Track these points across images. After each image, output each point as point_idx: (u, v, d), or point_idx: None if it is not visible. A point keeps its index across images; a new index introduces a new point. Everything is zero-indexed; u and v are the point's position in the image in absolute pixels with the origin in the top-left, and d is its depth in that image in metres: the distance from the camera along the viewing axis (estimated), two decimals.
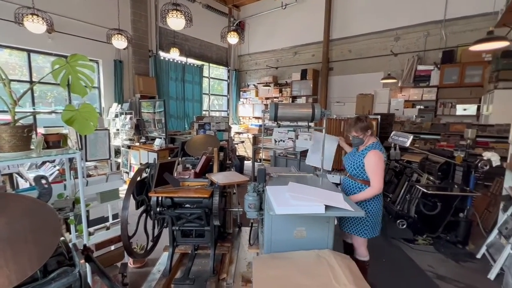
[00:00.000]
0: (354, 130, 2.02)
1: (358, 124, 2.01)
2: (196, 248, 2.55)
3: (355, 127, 2.02)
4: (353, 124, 2.03)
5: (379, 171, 1.94)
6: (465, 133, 3.10)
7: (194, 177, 2.34)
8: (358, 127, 2.00)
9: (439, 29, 5.45)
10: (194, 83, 7.96)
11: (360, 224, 2.10)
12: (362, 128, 1.99)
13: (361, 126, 1.99)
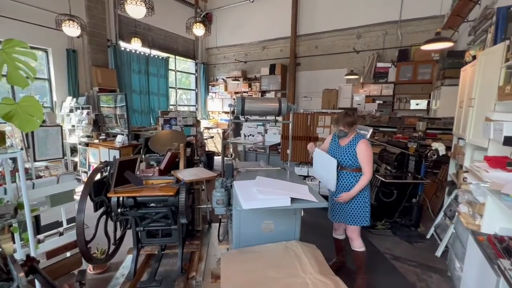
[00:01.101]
0: (342, 124, 2.10)
1: (346, 118, 2.08)
2: (163, 248, 2.46)
3: (343, 121, 2.09)
4: (341, 119, 2.10)
5: (370, 158, 2.10)
6: (417, 125, 3.39)
7: (158, 174, 2.24)
8: (346, 122, 2.08)
9: (395, 29, 5.85)
10: (159, 76, 7.58)
11: (354, 212, 2.19)
12: (350, 123, 2.09)
13: (348, 121, 2.08)
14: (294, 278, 1.43)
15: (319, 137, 4.07)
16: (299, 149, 4.15)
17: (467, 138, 2.50)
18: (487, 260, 1.43)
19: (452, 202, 2.86)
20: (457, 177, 2.78)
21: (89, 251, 1.87)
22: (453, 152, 3.12)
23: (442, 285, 2.41)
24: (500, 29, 2.14)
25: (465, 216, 2.01)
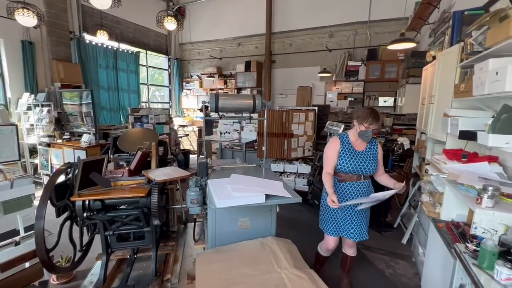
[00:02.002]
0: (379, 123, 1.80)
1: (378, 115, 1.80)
2: (136, 251, 2.36)
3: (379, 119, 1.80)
4: (379, 118, 1.78)
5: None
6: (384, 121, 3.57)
7: (128, 175, 2.13)
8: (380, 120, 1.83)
9: (365, 29, 6.10)
10: (129, 71, 7.20)
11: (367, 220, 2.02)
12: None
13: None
14: (270, 274, 1.45)
15: (294, 134, 4.14)
16: (275, 146, 4.19)
17: (428, 133, 2.69)
18: (446, 245, 1.56)
19: (416, 193, 3.07)
20: (420, 169, 2.98)
21: (51, 260, 1.74)
22: (417, 146, 3.34)
23: (408, 270, 2.58)
24: (456, 32, 2.31)
25: (427, 205, 2.17)
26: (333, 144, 1.90)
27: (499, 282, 1.10)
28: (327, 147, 1.94)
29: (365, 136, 1.81)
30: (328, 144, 1.94)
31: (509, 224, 1.31)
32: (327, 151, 1.91)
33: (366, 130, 1.77)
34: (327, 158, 1.91)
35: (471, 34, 1.87)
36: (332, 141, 1.93)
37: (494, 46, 1.50)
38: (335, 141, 1.91)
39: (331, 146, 1.90)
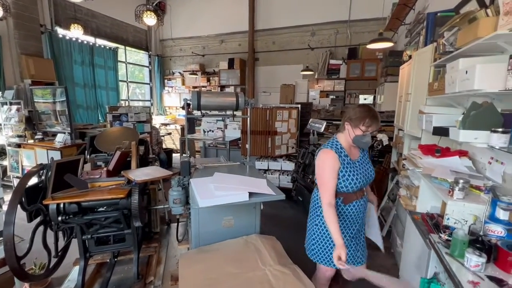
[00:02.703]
0: (378, 124, 1.45)
1: (377, 115, 1.46)
2: (116, 255, 2.28)
3: (379, 120, 1.45)
4: (378, 117, 1.43)
5: None
6: None
7: (107, 176, 2.05)
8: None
9: (345, 28, 6.23)
10: (107, 68, 6.91)
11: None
12: None
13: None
14: (254, 272, 1.45)
15: (278, 131, 4.16)
16: (259, 144, 4.20)
17: (405, 129, 2.80)
18: (421, 236, 1.63)
19: (394, 187, 3.20)
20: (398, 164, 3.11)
21: (22, 267, 1.64)
22: (395, 142, 3.48)
23: (387, 261, 2.69)
24: (430, 32, 2.42)
25: (404, 199, 2.26)
26: (330, 162, 1.39)
27: (468, 269, 1.17)
28: (321, 166, 1.41)
29: (363, 142, 1.42)
30: (323, 162, 1.41)
31: (477, 214, 1.40)
32: (324, 173, 1.39)
33: (363, 135, 1.39)
34: (325, 183, 1.39)
35: (443, 35, 1.96)
36: (327, 157, 1.40)
37: (464, 46, 1.58)
38: (330, 156, 1.39)
39: (328, 164, 1.39)
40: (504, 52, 1.50)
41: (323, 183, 1.42)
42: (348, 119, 1.46)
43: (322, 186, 1.42)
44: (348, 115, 1.47)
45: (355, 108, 1.45)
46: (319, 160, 1.45)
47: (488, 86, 1.36)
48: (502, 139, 1.28)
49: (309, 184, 3.42)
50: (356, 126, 1.41)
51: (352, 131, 1.43)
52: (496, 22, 1.33)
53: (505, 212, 1.26)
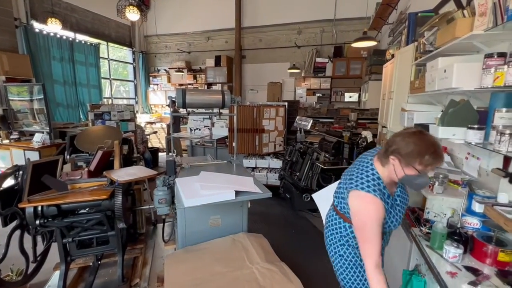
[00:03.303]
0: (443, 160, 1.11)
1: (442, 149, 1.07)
2: (100, 257, 2.21)
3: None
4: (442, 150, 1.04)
5: None
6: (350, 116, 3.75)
7: (88, 176, 1.98)
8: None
9: (331, 27, 6.31)
10: (88, 65, 6.65)
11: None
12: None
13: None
14: (241, 270, 1.45)
15: (265, 129, 4.17)
16: (247, 142, 4.19)
17: (388, 126, 2.87)
18: (404, 230, 1.69)
19: None
20: None
21: None
22: (379, 138, 3.57)
23: None
24: (411, 32, 2.49)
25: None
26: (378, 214, 1.06)
27: (447, 260, 1.22)
28: (366, 219, 1.07)
29: (416, 184, 1.09)
30: (368, 213, 1.07)
31: (455, 208, 1.46)
32: (372, 228, 1.05)
33: (419, 174, 1.03)
34: (371, 239, 1.06)
35: (423, 35, 2.02)
36: (375, 208, 1.06)
37: (443, 46, 1.64)
38: (379, 207, 1.06)
39: (377, 217, 1.05)
40: (479, 51, 1.57)
41: (368, 240, 1.06)
42: (396, 152, 1.05)
43: (367, 243, 1.07)
44: (396, 146, 1.06)
45: (407, 138, 1.03)
46: (363, 210, 1.08)
47: (465, 85, 1.41)
48: (477, 136, 1.34)
49: (296, 181, 3.45)
50: (409, 164, 1.02)
51: (402, 169, 1.05)
52: (472, 23, 1.38)
53: (480, 205, 1.32)
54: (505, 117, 1.23)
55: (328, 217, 1.38)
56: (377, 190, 1.08)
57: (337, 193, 1.31)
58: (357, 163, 1.25)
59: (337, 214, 1.29)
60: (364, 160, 1.22)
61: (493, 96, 1.36)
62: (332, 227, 1.32)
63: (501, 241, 1.22)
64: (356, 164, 1.24)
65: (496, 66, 1.18)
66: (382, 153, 1.13)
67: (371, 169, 1.15)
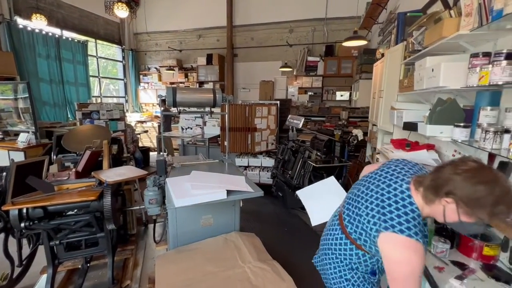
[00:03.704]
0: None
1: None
2: (89, 260, 2.17)
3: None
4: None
5: None
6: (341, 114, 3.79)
7: (76, 177, 1.93)
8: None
9: (322, 26, 6.34)
10: (76, 62, 6.48)
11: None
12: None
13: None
14: (233, 269, 1.44)
15: (257, 128, 4.17)
16: (239, 140, 4.17)
17: (378, 125, 2.91)
18: None
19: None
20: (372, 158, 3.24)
21: None
22: (369, 137, 3.62)
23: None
24: (400, 31, 2.52)
25: None
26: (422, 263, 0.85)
27: (435, 255, 1.25)
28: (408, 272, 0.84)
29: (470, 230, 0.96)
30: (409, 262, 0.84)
31: None
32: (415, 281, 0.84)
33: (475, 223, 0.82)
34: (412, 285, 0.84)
35: (412, 34, 2.06)
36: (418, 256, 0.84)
37: (431, 45, 1.67)
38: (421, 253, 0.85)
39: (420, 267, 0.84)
40: (465, 51, 1.60)
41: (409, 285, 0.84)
42: (456, 197, 0.81)
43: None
44: (454, 187, 0.81)
45: (473, 179, 0.79)
46: (405, 261, 0.84)
47: (452, 83, 1.44)
48: (463, 133, 1.37)
49: (289, 179, 3.47)
50: (473, 214, 0.80)
51: (458, 215, 0.82)
52: (459, 23, 1.41)
53: None
54: (490, 115, 1.26)
55: (330, 234, 1.18)
56: (419, 232, 0.85)
57: (350, 217, 1.04)
58: (384, 187, 0.97)
59: (347, 239, 1.07)
60: (397, 186, 0.94)
61: (478, 95, 1.39)
62: (338, 251, 1.11)
63: (486, 235, 1.26)
64: (384, 189, 0.96)
65: (481, 66, 1.21)
66: (428, 187, 0.87)
67: (409, 203, 0.89)
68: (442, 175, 0.84)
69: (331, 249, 1.15)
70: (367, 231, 0.95)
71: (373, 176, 1.05)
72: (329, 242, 1.17)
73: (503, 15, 1.05)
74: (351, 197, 1.09)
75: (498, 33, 1.30)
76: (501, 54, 1.11)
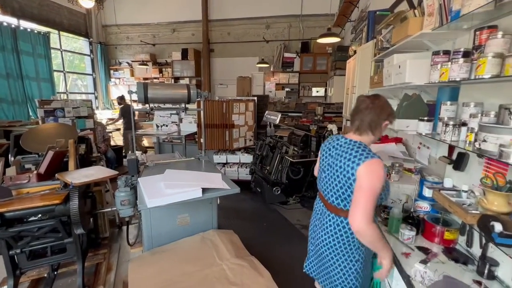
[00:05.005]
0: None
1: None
2: (56, 267, 2.03)
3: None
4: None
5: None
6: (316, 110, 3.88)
7: (37, 180, 1.79)
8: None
9: (298, 22, 6.41)
10: (37, 55, 5.98)
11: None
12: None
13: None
14: (211, 268, 1.43)
15: (235, 124, 4.14)
16: (216, 137, 4.12)
17: None
18: None
19: None
20: None
21: None
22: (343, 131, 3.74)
23: None
24: (370, 29, 2.62)
25: None
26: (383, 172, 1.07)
27: (402, 242, 1.33)
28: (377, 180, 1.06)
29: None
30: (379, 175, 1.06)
31: (409, 194, 1.58)
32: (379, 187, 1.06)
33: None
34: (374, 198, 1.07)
35: (381, 32, 2.14)
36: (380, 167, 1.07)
37: (398, 43, 1.74)
38: (381, 166, 1.07)
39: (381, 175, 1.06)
40: (429, 49, 1.70)
41: (372, 198, 1.05)
42: (389, 116, 1.17)
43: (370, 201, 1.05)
44: (387, 112, 1.16)
45: (385, 101, 1.19)
46: (377, 172, 1.06)
47: (416, 80, 1.52)
48: (427, 127, 1.45)
49: (267, 175, 3.49)
50: (391, 122, 1.20)
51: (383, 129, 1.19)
52: (422, 22, 1.49)
53: (429, 190, 1.45)
54: (450, 110, 1.35)
55: (318, 225, 1.31)
56: (374, 154, 1.12)
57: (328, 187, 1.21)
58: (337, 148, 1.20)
59: (332, 212, 1.22)
60: (342, 141, 1.21)
61: (440, 91, 1.48)
62: (330, 232, 1.22)
63: (446, 221, 1.36)
64: (338, 149, 1.19)
65: (442, 63, 1.28)
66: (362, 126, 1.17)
67: (359, 144, 1.15)
68: (364, 117, 1.16)
69: (324, 235, 1.26)
70: (346, 180, 1.13)
71: (327, 153, 1.26)
72: (320, 232, 1.29)
73: (460, 15, 1.12)
74: (321, 177, 1.29)
75: (457, 32, 1.39)
76: (459, 52, 1.19)
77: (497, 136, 0.93)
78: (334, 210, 1.22)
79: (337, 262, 1.23)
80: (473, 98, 1.28)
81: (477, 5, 1.01)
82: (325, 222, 1.25)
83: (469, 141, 1.10)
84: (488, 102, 1.19)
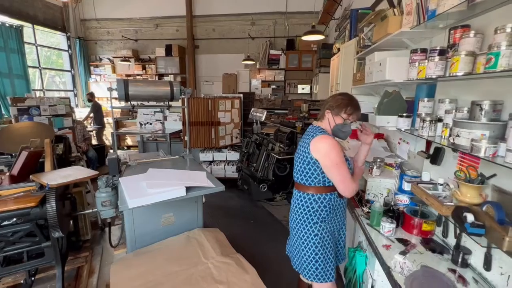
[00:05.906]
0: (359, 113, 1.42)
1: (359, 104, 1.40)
2: (33, 273, 1.94)
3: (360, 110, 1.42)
4: (359, 106, 1.39)
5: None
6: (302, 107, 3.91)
7: (10, 182, 1.70)
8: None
9: (283, 19, 6.42)
10: (9, 50, 5.65)
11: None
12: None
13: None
14: (196, 267, 1.41)
15: (221, 122, 4.10)
16: (202, 135, 4.07)
17: None
18: (349, 211, 1.83)
19: None
20: None
21: None
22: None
23: None
24: (353, 27, 2.66)
25: None
26: (335, 142, 1.28)
27: (383, 235, 1.37)
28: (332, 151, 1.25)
29: (342, 132, 1.35)
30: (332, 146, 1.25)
31: (390, 188, 1.63)
32: (339, 156, 1.26)
33: (344, 124, 1.33)
34: (341, 163, 1.26)
35: (363, 30, 2.18)
36: (332, 141, 1.27)
37: (378, 41, 1.78)
38: (334, 140, 1.28)
39: (338, 147, 1.27)
40: (407, 47, 1.75)
41: (342, 167, 1.26)
42: (329, 107, 1.36)
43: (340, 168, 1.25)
44: (329, 103, 1.38)
45: (336, 96, 1.37)
46: (327, 146, 1.25)
47: (396, 77, 1.56)
48: (406, 123, 1.50)
49: (254, 172, 3.50)
50: (338, 114, 1.33)
51: (333, 119, 1.34)
52: (401, 21, 1.52)
53: (408, 184, 1.50)
54: (427, 106, 1.40)
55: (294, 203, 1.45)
56: (325, 132, 1.35)
57: (296, 168, 1.42)
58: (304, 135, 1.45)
59: (300, 191, 1.40)
60: (308, 128, 1.46)
61: (418, 88, 1.53)
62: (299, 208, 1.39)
63: (424, 213, 1.41)
64: (303, 135, 1.44)
65: (419, 61, 1.32)
66: (320, 114, 1.43)
67: (314, 127, 1.39)
68: (323, 103, 1.43)
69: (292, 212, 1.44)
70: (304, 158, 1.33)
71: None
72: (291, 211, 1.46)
73: (436, 14, 1.15)
74: (294, 164, 1.45)
75: (433, 31, 1.43)
76: (435, 51, 1.23)
77: (469, 131, 0.97)
78: (298, 187, 1.42)
79: (299, 235, 1.39)
80: (448, 94, 1.33)
81: (451, 5, 1.04)
82: (294, 200, 1.44)
83: (445, 136, 1.15)
84: (461, 98, 1.24)
